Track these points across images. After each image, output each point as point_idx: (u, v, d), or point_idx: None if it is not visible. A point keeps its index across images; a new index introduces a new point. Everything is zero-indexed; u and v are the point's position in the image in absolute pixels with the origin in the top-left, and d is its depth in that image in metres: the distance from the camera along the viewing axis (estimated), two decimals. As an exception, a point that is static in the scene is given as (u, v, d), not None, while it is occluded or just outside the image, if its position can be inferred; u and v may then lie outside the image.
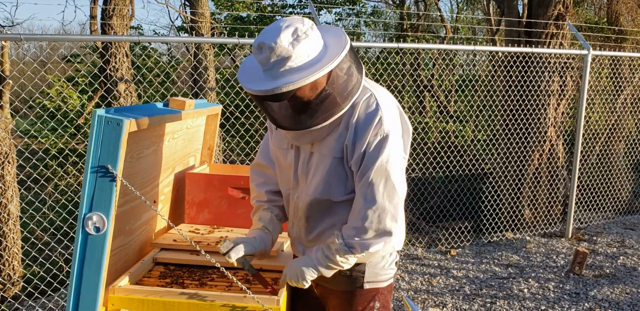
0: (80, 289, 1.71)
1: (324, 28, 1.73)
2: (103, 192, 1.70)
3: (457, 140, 8.03)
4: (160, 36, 7.75)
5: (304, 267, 1.80)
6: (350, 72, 1.65)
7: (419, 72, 8.53)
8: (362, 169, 1.68)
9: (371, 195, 1.68)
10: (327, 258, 1.76)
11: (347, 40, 1.64)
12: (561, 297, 4.14)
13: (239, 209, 2.48)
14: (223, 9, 9.90)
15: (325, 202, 1.78)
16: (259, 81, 1.60)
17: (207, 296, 1.80)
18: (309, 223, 1.84)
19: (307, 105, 1.64)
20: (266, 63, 1.58)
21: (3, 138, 3.86)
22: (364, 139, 1.66)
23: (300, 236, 1.90)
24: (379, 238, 1.71)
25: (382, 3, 14.03)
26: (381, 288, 1.90)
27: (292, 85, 1.54)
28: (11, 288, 3.97)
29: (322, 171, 1.74)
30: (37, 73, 6.22)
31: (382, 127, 1.66)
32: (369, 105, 1.68)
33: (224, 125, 5.10)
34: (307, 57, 1.58)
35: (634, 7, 7.64)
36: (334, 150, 1.71)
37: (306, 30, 1.58)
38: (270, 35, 1.57)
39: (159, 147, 2.18)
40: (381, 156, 1.66)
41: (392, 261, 1.91)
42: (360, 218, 1.69)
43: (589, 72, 5.37)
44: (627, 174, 6.79)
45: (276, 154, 1.91)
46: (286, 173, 1.87)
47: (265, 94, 1.58)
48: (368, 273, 1.86)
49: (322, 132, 1.70)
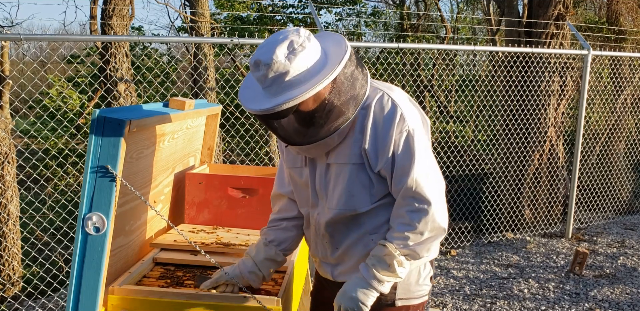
0: (80, 289, 1.71)
1: (324, 35, 1.66)
2: (103, 192, 1.70)
3: (457, 140, 8.03)
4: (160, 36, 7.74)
5: (359, 291, 1.63)
6: (354, 79, 1.58)
7: (419, 72, 8.53)
8: (400, 170, 1.59)
9: (420, 194, 1.58)
10: (385, 271, 1.61)
11: (347, 48, 1.56)
12: (561, 297, 4.14)
13: (239, 209, 2.48)
14: (223, 9, 9.90)
15: (350, 215, 1.68)
16: (259, 100, 1.55)
17: (207, 297, 1.80)
18: (334, 238, 1.73)
19: (313, 117, 1.56)
20: (264, 80, 1.52)
21: (3, 138, 3.86)
22: (390, 140, 1.58)
23: (326, 256, 1.78)
24: (436, 238, 1.62)
25: (382, 3, 14.05)
26: (413, 306, 1.76)
27: (292, 101, 1.48)
28: (11, 288, 3.97)
29: (343, 181, 1.65)
30: (37, 73, 6.22)
31: (406, 123, 1.59)
32: (383, 105, 1.61)
33: (224, 125, 5.10)
34: (306, 69, 1.52)
35: (634, 7, 7.64)
36: (350, 157, 1.63)
37: (302, 42, 1.52)
38: (265, 51, 1.51)
39: (158, 148, 2.18)
40: (415, 152, 1.59)
41: (426, 276, 1.78)
42: (414, 221, 1.59)
43: (589, 73, 5.37)
44: (627, 174, 6.78)
45: (291, 175, 1.81)
46: (303, 192, 1.78)
47: (266, 113, 1.52)
48: (400, 289, 1.73)
49: (333, 141, 1.62)
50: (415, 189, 1.59)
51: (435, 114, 9.37)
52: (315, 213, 1.75)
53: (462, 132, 8.55)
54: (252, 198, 2.47)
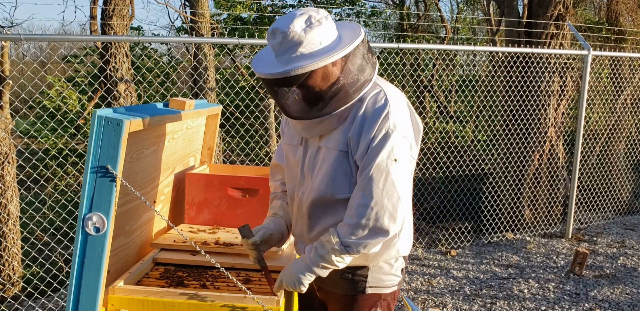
0: (80, 289, 1.71)
1: (342, 23, 1.75)
2: (103, 192, 1.70)
3: (457, 140, 8.03)
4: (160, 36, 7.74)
5: (300, 272, 1.74)
6: (362, 65, 1.66)
7: (419, 72, 8.53)
8: (364, 163, 1.65)
9: (369, 191, 1.64)
10: (321, 258, 1.70)
11: (362, 33, 1.64)
12: (561, 297, 4.14)
13: (239, 209, 2.48)
14: (224, 10, 9.90)
15: (329, 199, 1.74)
16: (269, 66, 1.62)
17: (207, 297, 1.80)
18: (311, 219, 1.80)
19: (317, 95, 1.64)
20: (278, 48, 1.60)
21: (3, 138, 3.86)
22: (370, 133, 1.64)
23: (303, 234, 1.86)
24: (375, 237, 1.66)
25: (382, 3, 14.05)
26: (384, 294, 1.84)
27: (301, 69, 1.56)
28: (11, 288, 3.97)
29: (328, 164, 1.72)
30: (37, 73, 6.22)
31: (389, 123, 1.64)
32: (377, 100, 1.67)
33: (224, 125, 5.10)
34: (319, 45, 1.60)
35: (634, 7, 7.65)
36: (339, 143, 1.70)
37: (320, 19, 1.60)
38: (284, 21, 1.60)
39: (159, 148, 2.18)
40: (384, 151, 1.63)
41: (397, 268, 1.85)
42: (357, 215, 1.65)
43: (589, 73, 5.37)
44: (627, 174, 6.79)
45: (286, 151, 1.90)
46: (294, 169, 1.86)
47: (273, 78, 1.59)
48: (371, 277, 1.81)
49: (330, 124, 1.69)
50: (367, 184, 1.64)
51: (435, 114, 9.37)
52: (301, 191, 1.83)
53: (462, 132, 8.55)
54: (252, 198, 2.47)
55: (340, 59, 1.61)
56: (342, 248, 1.67)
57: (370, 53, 1.70)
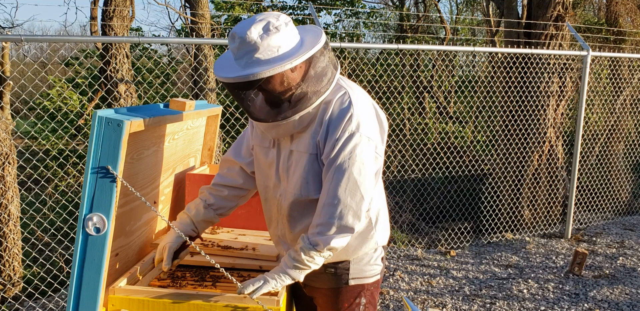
0: (80, 290, 1.72)
1: (305, 27, 1.77)
2: (103, 193, 1.71)
3: (456, 141, 8.04)
4: (160, 37, 7.76)
5: (274, 273, 1.77)
6: (323, 69, 1.68)
7: (418, 73, 8.54)
8: (328, 164, 1.70)
9: (333, 191, 1.69)
10: (293, 259, 1.75)
11: (322, 39, 1.66)
12: (561, 298, 4.14)
13: (238, 209, 2.49)
14: (224, 12, 9.90)
15: (306, 200, 1.79)
16: (228, 69, 1.64)
17: (207, 297, 1.81)
18: (291, 220, 1.85)
19: (277, 98, 1.67)
20: (236, 52, 1.63)
21: (3, 139, 3.87)
22: (335, 135, 1.68)
23: (285, 234, 1.90)
24: (340, 234, 1.71)
25: (382, 4, 14.06)
26: (367, 284, 1.92)
27: (253, 76, 1.58)
28: (11, 288, 3.97)
29: (300, 168, 1.76)
30: (38, 74, 6.23)
31: (352, 125, 1.67)
32: (342, 102, 1.70)
33: (224, 126, 5.11)
34: (276, 52, 1.61)
35: (633, 8, 7.66)
36: (309, 146, 1.73)
37: (278, 26, 1.62)
38: (243, 26, 1.62)
39: (159, 148, 2.19)
40: (345, 151, 1.67)
41: (377, 257, 1.93)
42: (323, 214, 1.71)
43: (588, 73, 5.38)
44: (627, 175, 6.79)
45: (256, 152, 1.92)
46: (266, 171, 1.89)
47: (228, 81, 1.63)
48: (353, 269, 1.88)
49: (291, 127, 1.72)
50: (331, 184, 1.70)
51: (434, 115, 9.38)
52: (278, 193, 1.86)
53: (461, 133, 8.55)
54: (252, 198, 2.48)
55: (299, 64, 1.63)
56: (310, 246, 1.72)
57: (332, 57, 1.72)
